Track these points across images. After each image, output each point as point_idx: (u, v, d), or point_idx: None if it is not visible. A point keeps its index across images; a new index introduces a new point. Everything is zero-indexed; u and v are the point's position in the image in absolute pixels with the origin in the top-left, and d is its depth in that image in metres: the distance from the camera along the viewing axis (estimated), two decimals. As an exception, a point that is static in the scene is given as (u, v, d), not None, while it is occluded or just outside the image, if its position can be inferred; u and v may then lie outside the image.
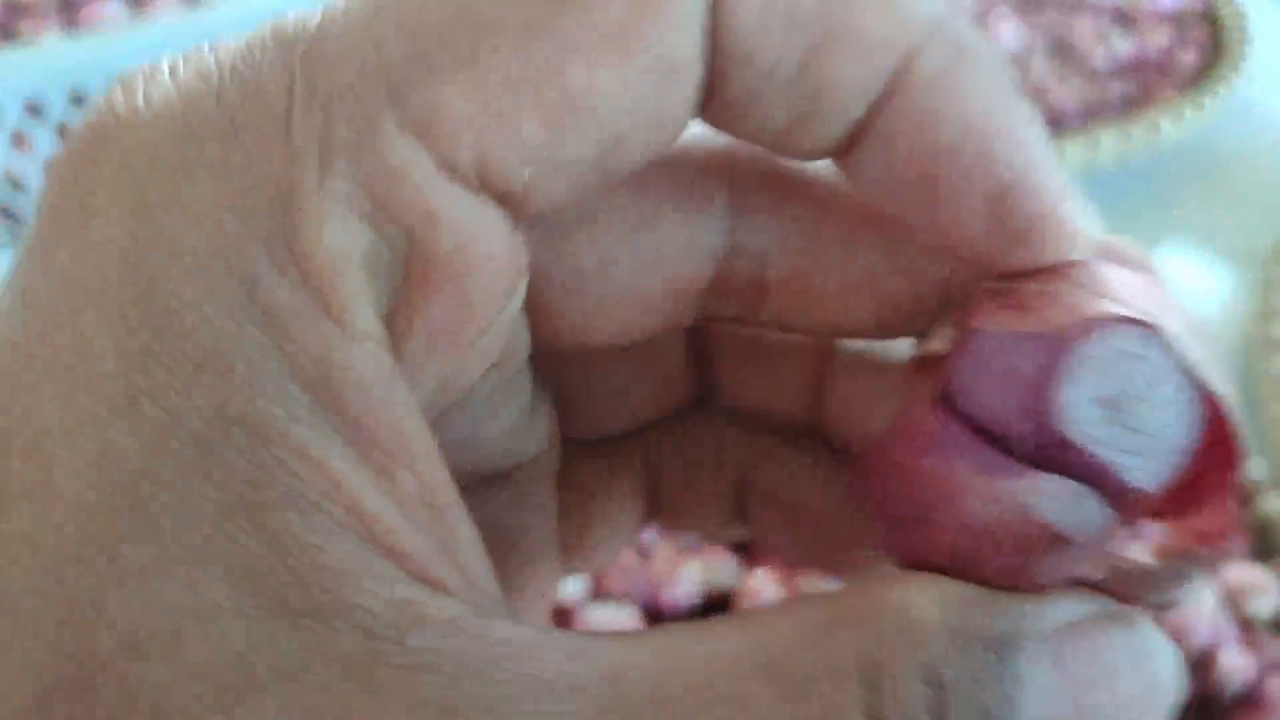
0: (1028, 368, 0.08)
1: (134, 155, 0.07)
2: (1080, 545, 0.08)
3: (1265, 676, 0.28)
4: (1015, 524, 0.08)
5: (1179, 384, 0.08)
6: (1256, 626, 0.29)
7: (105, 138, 0.07)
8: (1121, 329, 0.08)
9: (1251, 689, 0.27)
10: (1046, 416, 0.08)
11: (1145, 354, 0.08)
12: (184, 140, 0.07)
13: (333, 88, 0.07)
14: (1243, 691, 0.27)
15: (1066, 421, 0.08)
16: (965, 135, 0.08)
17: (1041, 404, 0.08)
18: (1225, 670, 0.27)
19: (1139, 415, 0.08)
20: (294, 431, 0.06)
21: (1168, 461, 0.08)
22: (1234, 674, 0.27)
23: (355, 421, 0.07)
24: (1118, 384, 0.08)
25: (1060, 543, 0.08)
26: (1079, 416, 0.08)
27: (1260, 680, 0.27)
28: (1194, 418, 0.08)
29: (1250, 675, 0.27)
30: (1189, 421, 0.08)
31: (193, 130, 0.07)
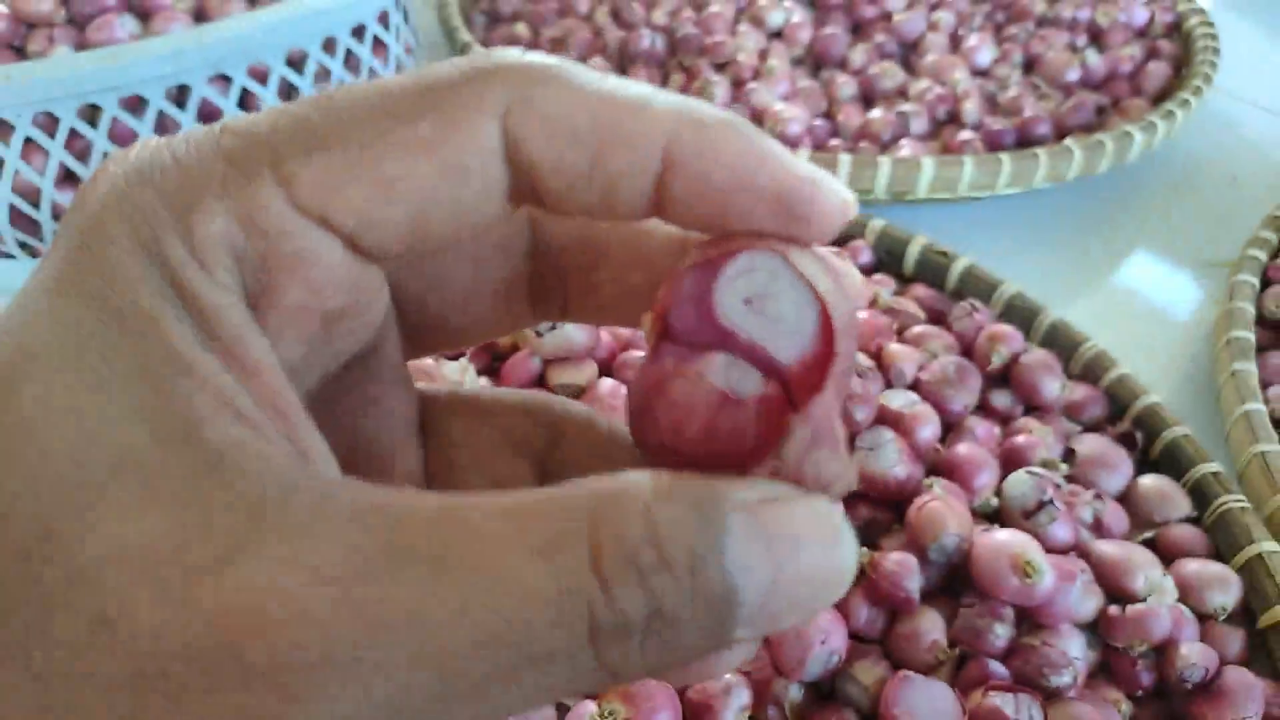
0: (698, 287, 0.12)
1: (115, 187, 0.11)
2: (748, 404, 0.11)
3: (1224, 667, 0.28)
4: (699, 393, 0.11)
5: (800, 288, 0.12)
6: (1217, 619, 0.30)
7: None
8: (754, 252, 0.12)
9: (1211, 679, 0.28)
10: (710, 315, 0.12)
11: (773, 267, 0.12)
12: (149, 167, 0.11)
13: (237, 148, 0.11)
14: (1203, 681, 0.28)
15: (722, 316, 0.12)
16: (734, 173, 0.11)
17: (705, 307, 0.12)
18: (1186, 661, 0.28)
19: (773, 309, 0.12)
20: (176, 338, 0.10)
21: (798, 341, 0.11)
22: (1195, 664, 0.28)
23: (216, 338, 0.10)
24: (756, 288, 0.12)
25: (732, 403, 0.11)
26: (730, 312, 0.12)
27: (1220, 671, 0.28)
28: (813, 312, 0.12)
29: (1211, 666, 0.28)
30: (809, 314, 0.12)
31: (155, 160, 0.11)
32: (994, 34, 0.66)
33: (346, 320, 0.12)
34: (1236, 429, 0.37)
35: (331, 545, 0.09)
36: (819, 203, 0.11)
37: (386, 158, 0.11)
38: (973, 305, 0.40)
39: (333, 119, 0.11)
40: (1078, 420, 0.37)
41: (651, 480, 0.10)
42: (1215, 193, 0.59)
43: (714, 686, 0.26)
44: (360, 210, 0.11)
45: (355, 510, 0.10)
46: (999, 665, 0.27)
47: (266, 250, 0.11)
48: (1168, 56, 0.63)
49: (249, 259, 0.11)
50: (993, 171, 0.49)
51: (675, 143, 0.11)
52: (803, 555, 0.10)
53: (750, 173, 0.11)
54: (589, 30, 0.65)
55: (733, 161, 0.11)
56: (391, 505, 0.10)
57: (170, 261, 0.10)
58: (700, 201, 0.11)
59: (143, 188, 0.10)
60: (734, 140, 0.11)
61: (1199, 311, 0.50)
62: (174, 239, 0.10)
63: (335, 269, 0.11)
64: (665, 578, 0.09)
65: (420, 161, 0.11)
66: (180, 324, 0.10)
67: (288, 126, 0.11)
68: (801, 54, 0.64)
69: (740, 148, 0.11)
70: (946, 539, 0.28)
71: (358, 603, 0.09)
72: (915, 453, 0.32)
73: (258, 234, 0.11)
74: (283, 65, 0.42)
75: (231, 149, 0.11)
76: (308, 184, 0.11)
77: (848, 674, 0.27)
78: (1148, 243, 0.55)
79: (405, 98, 0.11)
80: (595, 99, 0.11)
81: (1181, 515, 0.33)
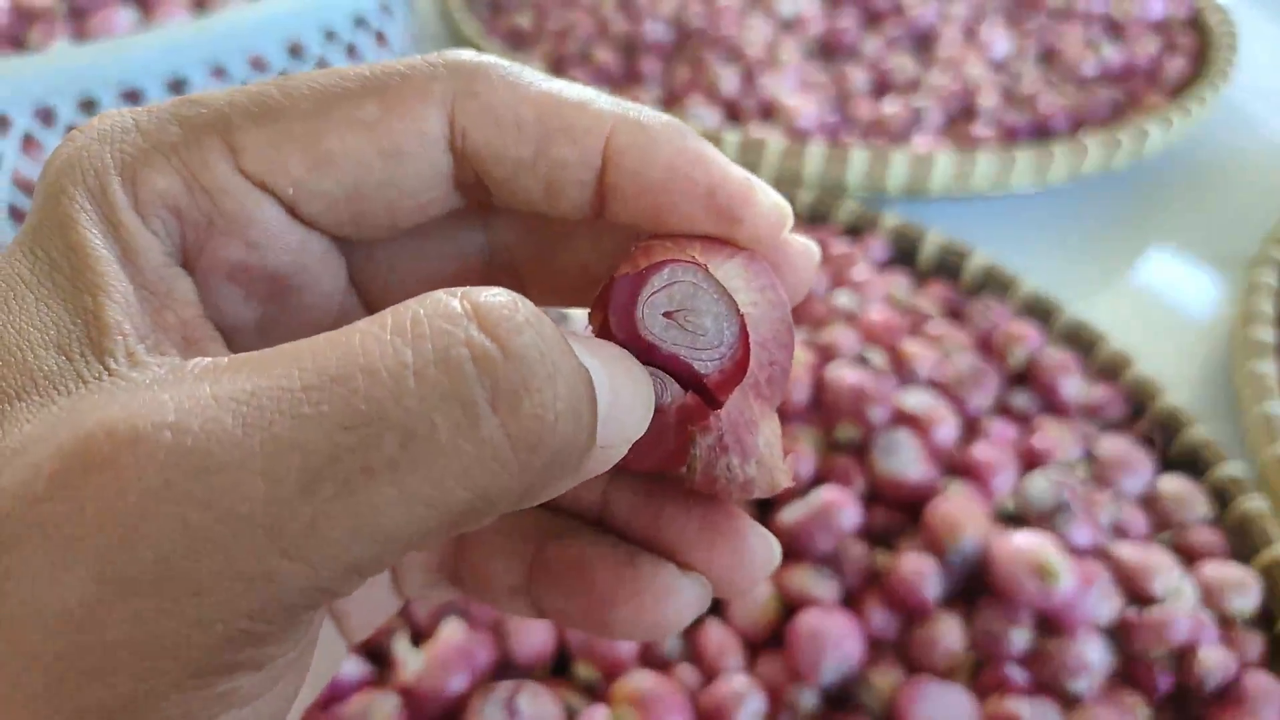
0: (625, 297, 0.12)
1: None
2: (668, 412, 0.12)
3: (1244, 672, 0.28)
4: None
5: (720, 302, 0.12)
6: (1237, 622, 0.29)
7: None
8: (678, 265, 0.12)
9: (1231, 684, 0.28)
10: (634, 328, 0.12)
11: (695, 280, 0.12)
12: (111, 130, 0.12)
13: (192, 115, 0.12)
14: (1222, 686, 0.28)
15: (645, 329, 0.12)
16: (671, 171, 0.12)
17: (630, 320, 0.12)
18: (1205, 665, 0.28)
19: (694, 322, 0.12)
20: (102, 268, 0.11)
21: (717, 353, 0.12)
22: (1214, 669, 0.28)
23: (138, 272, 0.11)
24: (678, 301, 0.12)
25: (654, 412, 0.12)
26: (652, 325, 0.12)
27: (1239, 675, 0.28)
28: (733, 325, 0.12)
29: (1230, 670, 0.28)
30: (729, 327, 0.12)
31: (116, 124, 0.12)
32: (1010, 26, 0.65)
33: (300, 291, 0.13)
34: (1256, 429, 0.36)
35: (198, 380, 0.10)
36: (753, 205, 0.12)
37: (327, 133, 0.12)
38: (990, 303, 0.40)
39: (285, 95, 0.12)
40: (1096, 420, 0.37)
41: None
42: (1234, 189, 0.59)
43: (726, 692, 0.25)
44: (298, 179, 0.12)
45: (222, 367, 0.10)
46: (1017, 670, 0.27)
47: (209, 208, 0.12)
48: (1185, 50, 0.62)
49: (190, 216, 0.12)
50: (1008, 168, 0.48)
51: (615, 139, 0.12)
52: (623, 385, 0.11)
53: (686, 171, 0.12)
54: (594, 21, 0.64)
55: (670, 160, 0.12)
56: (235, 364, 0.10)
57: (112, 208, 0.11)
58: (638, 198, 0.12)
59: (100, 147, 0.12)
60: (673, 139, 0.12)
61: (1218, 309, 0.49)
62: (118, 190, 0.11)
63: (275, 231, 0.12)
64: (529, 335, 0.10)
65: (360, 140, 0.12)
66: (110, 258, 0.11)
67: (243, 100, 0.12)
68: (813, 45, 0.63)
69: (678, 147, 0.12)
70: (964, 542, 0.28)
71: (224, 402, 0.09)
72: (932, 454, 0.31)
73: (201, 192, 0.12)
74: (283, 57, 0.41)
75: (187, 115, 0.12)
76: (252, 150, 0.12)
77: (864, 679, 0.26)
78: (1165, 239, 0.55)
79: (356, 82, 0.12)
80: (539, 94, 0.12)
81: (1201, 517, 0.33)
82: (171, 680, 0.09)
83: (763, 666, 0.27)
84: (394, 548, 0.09)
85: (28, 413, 0.10)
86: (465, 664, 0.24)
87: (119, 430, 0.09)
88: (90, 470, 0.09)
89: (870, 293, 0.39)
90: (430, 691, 0.24)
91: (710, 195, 0.12)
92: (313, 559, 0.09)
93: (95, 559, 0.09)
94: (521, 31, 0.65)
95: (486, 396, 0.09)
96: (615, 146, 0.12)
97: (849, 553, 0.29)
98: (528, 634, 0.26)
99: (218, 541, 0.09)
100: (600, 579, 0.13)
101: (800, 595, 0.28)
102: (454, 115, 0.12)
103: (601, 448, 0.11)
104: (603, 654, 0.26)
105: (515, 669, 0.26)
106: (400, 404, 0.09)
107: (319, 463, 0.09)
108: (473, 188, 0.13)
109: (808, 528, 0.28)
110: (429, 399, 0.09)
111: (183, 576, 0.09)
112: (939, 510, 0.28)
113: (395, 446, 0.09)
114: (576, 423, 0.10)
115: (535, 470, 0.10)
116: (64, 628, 0.09)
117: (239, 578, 0.09)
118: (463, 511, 0.09)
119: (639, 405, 0.11)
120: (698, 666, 0.27)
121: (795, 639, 0.26)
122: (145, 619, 0.09)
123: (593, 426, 0.10)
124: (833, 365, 0.33)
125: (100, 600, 0.09)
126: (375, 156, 0.12)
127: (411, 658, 0.24)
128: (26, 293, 0.11)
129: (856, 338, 0.35)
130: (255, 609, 0.09)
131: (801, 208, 0.47)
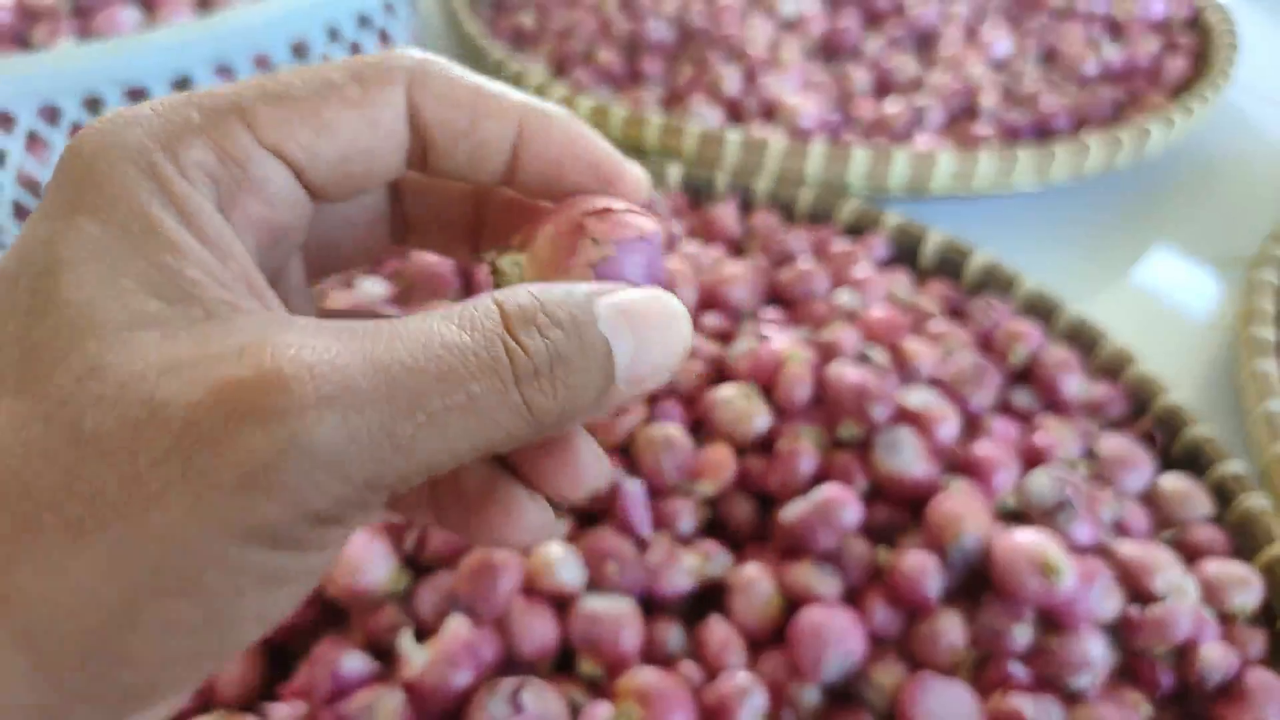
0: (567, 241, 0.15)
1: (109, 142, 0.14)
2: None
3: (1246, 669, 0.28)
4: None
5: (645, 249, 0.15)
6: (1238, 620, 0.30)
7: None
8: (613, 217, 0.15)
9: (1232, 681, 0.28)
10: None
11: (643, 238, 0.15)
12: (133, 117, 0.14)
13: (207, 102, 0.14)
14: (1224, 683, 0.28)
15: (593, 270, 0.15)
16: (564, 148, 0.16)
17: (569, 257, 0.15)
18: (1207, 662, 0.28)
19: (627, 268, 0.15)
20: (171, 230, 0.13)
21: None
22: (1215, 666, 0.28)
23: (200, 231, 0.13)
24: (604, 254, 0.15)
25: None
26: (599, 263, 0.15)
27: (1241, 672, 0.28)
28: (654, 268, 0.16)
29: (1232, 667, 0.28)
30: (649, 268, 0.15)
31: (135, 114, 0.14)
32: (1011, 26, 0.65)
33: (286, 239, 0.15)
34: (1257, 428, 0.36)
35: (318, 334, 0.13)
36: (624, 173, 0.16)
37: (325, 108, 0.14)
38: (991, 301, 0.40)
39: (284, 83, 0.14)
40: (1098, 418, 0.37)
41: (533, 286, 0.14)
42: (1234, 188, 0.59)
43: (729, 688, 0.25)
44: (306, 146, 0.14)
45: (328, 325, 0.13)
46: (1019, 667, 0.27)
47: (239, 174, 0.14)
48: (1186, 50, 0.62)
49: (222, 180, 0.14)
50: (1009, 167, 0.48)
51: (526, 122, 0.16)
52: (652, 330, 0.14)
53: (575, 148, 0.16)
54: (596, 21, 0.64)
55: (562, 139, 0.16)
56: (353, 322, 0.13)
57: (163, 177, 0.13)
58: (541, 168, 0.16)
59: (131, 129, 0.13)
60: (567, 125, 0.16)
61: (1219, 308, 0.49)
62: (165, 162, 0.13)
63: (285, 191, 0.15)
64: (558, 333, 0.13)
65: (349, 113, 0.15)
66: (174, 221, 0.13)
67: (249, 87, 0.14)
68: (814, 45, 0.63)
69: (571, 131, 0.16)
70: (966, 539, 0.28)
71: (336, 359, 0.12)
72: (934, 451, 0.31)
73: (230, 161, 0.14)
74: (287, 55, 0.41)
75: (201, 102, 0.14)
76: (267, 125, 0.14)
77: (865, 676, 0.27)
78: (1166, 238, 0.55)
79: (338, 70, 0.15)
80: (471, 83, 0.16)
81: (1203, 515, 0.33)
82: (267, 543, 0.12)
83: (765, 663, 0.27)
84: (454, 459, 0.13)
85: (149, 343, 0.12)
86: (470, 660, 0.24)
87: (268, 369, 0.12)
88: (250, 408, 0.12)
89: (872, 291, 0.39)
90: (435, 687, 0.24)
91: (595, 167, 0.16)
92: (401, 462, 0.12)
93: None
94: (524, 31, 0.65)
95: (510, 378, 0.13)
96: (526, 127, 0.16)
97: (851, 550, 0.29)
98: (532, 630, 0.26)
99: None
100: (470, 494, 0.16)
101: (803, 592, 0.28)
102: (411, 95, 0.15)
103: (626, 386, 0.14)
104: (607, 650, 0.26)
105: (519, 665, 0.26)
106: (463, 372, 0.13)
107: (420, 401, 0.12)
108: (418, 160, 0.16)
109: (810, 525, 0.28)
110: (477, 373, 0.13)
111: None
112: (941, 507, 0.28)
113: (463, 397, 0.12)
114: (581, 393, 0.13)
115: (547, 425, 0.13)
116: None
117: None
118: (492, 444, 0.13)
119: (671, 346, 0.14)
120: (701, 663, 0.27)
121: (797, 635, 0.26)
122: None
123: (603, 386, 0.14)
124: (835, 363, 0.33)
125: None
126: (363, 127, 0.15)
127: (416, 654, 0.24)
128: (107, 254, 0.13)
129: (858, 336, 0.36)
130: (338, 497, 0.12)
131: (803, 206, 0.47)
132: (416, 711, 0.24)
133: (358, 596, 0.27)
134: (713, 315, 0.38)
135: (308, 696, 0.24)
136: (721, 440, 0.32)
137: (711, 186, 0.48)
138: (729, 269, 0.39)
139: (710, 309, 0.39)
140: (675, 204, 0.47)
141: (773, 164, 0.48)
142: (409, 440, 0.12)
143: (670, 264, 0.38)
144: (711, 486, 0.31)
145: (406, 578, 0.27)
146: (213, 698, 0.27)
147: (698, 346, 0.36)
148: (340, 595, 0.27)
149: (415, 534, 0.28)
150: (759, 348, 0.34)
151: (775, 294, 0.40)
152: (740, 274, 0.39)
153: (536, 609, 0.27)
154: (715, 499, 0.31)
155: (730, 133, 0.49)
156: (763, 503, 0.32)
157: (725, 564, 0.30)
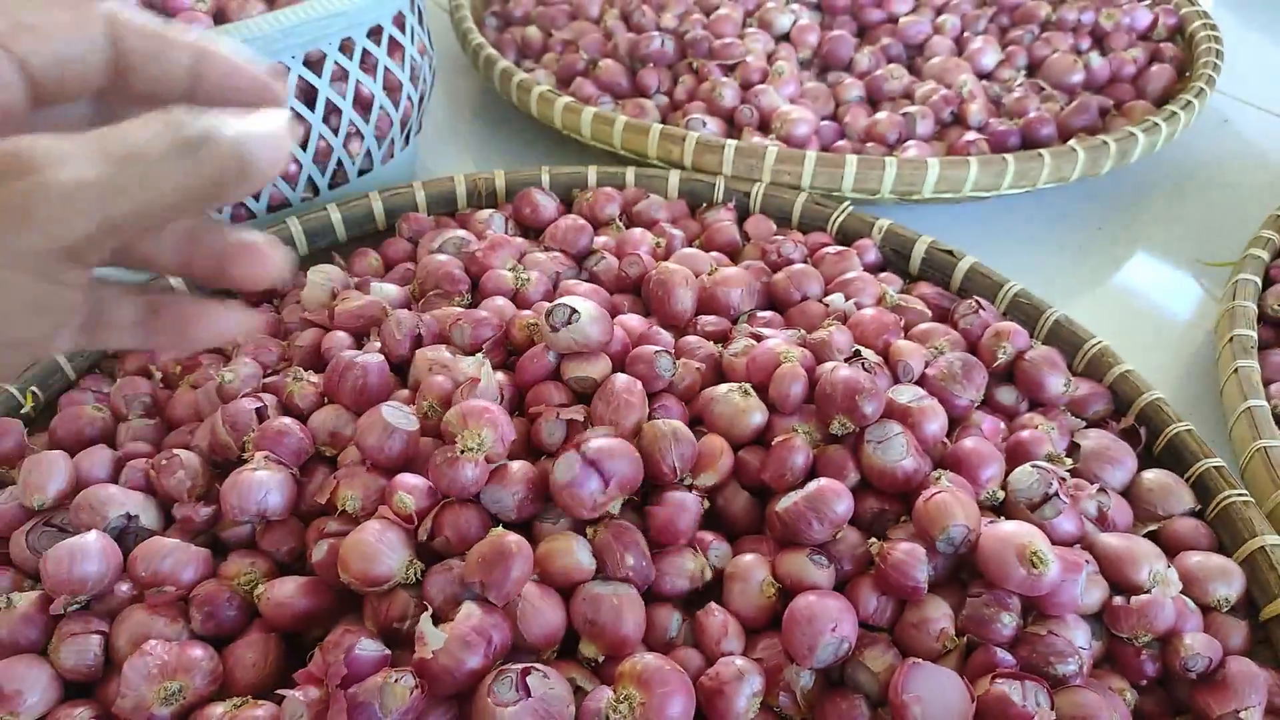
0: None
1: None
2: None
3: (1228, 657, 0.29)
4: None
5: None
6: (1220, 610, 0.30)
7: None
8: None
9: (1214, 669, 0.29)
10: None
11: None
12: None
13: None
14: (1206, 671, 0.29)
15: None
16: (231, 69, 0.21)
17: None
18: (1189, 650, 0.28)
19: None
20: None
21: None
22: (1198, 654, 0.28)
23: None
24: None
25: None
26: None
27: (1223, 661, 0.29)
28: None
29: (1214, 656, 0.29)
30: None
31: None
32: (998, 37, 0.66)
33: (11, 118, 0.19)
34: (1239, 425, 0.37)
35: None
36: (268, 84, 0.21)
37: (53, 8, 0.19)
38: (978, 303, 0.41)
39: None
40: (1082, 416, 0.38)
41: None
42: (1217, 193, 0.60)
43: (727, 673, 0.26)
44: (22, 45, 0.19)
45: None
46: (1006, 653, 0.28)
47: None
48: (1170, 59, 0.64)
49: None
50: (997, 172, 0.49)
51: (200, 50, 0.20)
52: (263, 127, 0.18)
53: (239, 73, 0.21)
54: (599, 33, 0.65)
55: (228, 66, 0.21)
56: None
57: None
58: (215, 83, 0.21)
59: None
60: (231, 54, 0.21)
61: (1200, 310, 0.50)
62: None
63: (7, 76, 0.19)
64: (208, 120, 0.17)
65: (53, 26, 0.19)
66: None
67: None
68: (809, 56, 0.64)
69: (234, 59, 0.21)
70: (954, 529, 0.29)
71: (70, 140, 0.17)
72: (923, 446, 0.32)
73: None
74: (301, 66, 0.42)
75: None
76: (2, 25, 0.18)
77: (857, 661, 0.27)
78: (1150, 242, 0.56)
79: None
80: (158, 22, 0.20)
81: (1185, 509, 0.34)
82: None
83: (761, 649, 0.28)
84: (164, 208, 0.17)
85: None
86: (482, 643, 0.25)
87: (22, 145, 0.16)
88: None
89: (863, 294, 0.41)
90: (446, 669, 0.25)
91: (254, 83, 0.21)
92: (125, 203, 0.17)
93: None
94: (530, 43, 0.67)
95: (187, 149, 0.17)
96: (203, 56, 0.20)
97: (843, 540, 0.30)
98: (538, 617, 0.27)
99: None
100: (226, 247, 0.21)
101: (796, 581, 0.29)
102: (113, 28, 0.19)
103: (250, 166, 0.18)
104: (609, 634, 0.27)
105: (525, 651, 0.27)
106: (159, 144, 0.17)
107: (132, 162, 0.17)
108: (115, 73, 0.20)
109: (804, 516, 0.29)
110: (169, 148, 0.17)
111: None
112: (929, 500, 0.29)
113: (157, 159, 0.17)
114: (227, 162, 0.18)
115: (209, 183, 0.18)
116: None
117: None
118: (185, 196, 0.17)
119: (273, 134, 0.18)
120: (699, 649, 0.28)
121: (792, 622, 0.27)
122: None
123: (241, 162, 0.18)
124: (827, 363, 0.34)
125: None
126: (63, 42, 0.19)
127: (435, 636, 0.25)
128: None
129: (849, 337, 0.37)
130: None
131: (797, 212, 0.48)
132: (428, 693, 0.25)
133: (371, 584, 0.27)
134: (710, 317, 0.39)
135: (322, 682, 0.25)
136: (718, 435, 0.33)
137: (709, 193, 0.50)
138: (726, 272, 0.40)
139: (708, 311, 0.40)
140: (674, 210, 0.49)
141: (768, 172, 0.49)
142: (127, 188, 0.17)
143: (670, 265, 0.39)
144: (712, 477, 0.32)
145: (418, 566, 0.28)
146: (230, 685, 0.27)
147: (697, 346, 0.37)
148: (354, 583, 0.27)
149: (428, 525, 0.29)
150: (755, 348, 0.35)
151: (770, 296, 0.42)
152: (737, 277, 0.40)
153: (547, 597, 0.27)
154: (714, 492, 0.32)
155: (728, 142, 0.50)
156: (759, 496, 0.33)
157: (724, 554, 0.31)
